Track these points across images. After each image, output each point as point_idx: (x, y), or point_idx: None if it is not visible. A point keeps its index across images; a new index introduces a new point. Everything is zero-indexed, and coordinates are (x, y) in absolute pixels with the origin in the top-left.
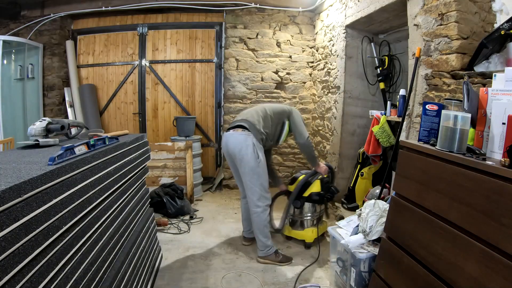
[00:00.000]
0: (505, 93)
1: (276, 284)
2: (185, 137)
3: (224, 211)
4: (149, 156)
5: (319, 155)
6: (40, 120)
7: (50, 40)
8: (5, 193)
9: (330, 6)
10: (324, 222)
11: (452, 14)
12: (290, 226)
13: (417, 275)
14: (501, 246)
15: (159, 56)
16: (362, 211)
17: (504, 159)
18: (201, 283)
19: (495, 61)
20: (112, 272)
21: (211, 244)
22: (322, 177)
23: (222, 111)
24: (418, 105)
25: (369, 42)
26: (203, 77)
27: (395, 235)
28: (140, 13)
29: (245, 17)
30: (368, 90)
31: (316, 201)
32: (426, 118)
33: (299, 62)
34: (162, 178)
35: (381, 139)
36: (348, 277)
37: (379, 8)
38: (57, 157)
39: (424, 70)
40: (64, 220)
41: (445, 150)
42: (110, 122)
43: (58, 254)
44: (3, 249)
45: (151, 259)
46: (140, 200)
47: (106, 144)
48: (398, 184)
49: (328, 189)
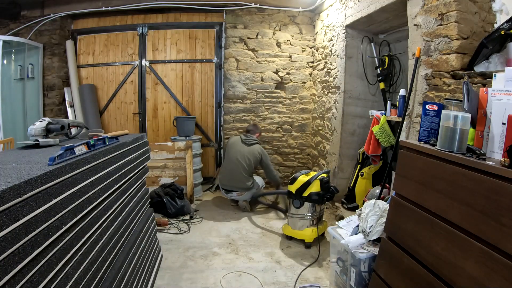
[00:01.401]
0: (505, 93)
1: (276, 284)
2: (185, 137)
3: (224, 211)
4: (149, 156)
5: (319, 155)
6: (40, 120)
7: (50, 40)
8: (5, 193)
9: (330, 6)
10: (324, 222)
11: (452, 14)
12: (290, 226)
13: (417, 275)
14: (500, 246)
15: (159, 56)
16: (362, 211)
17: (504, 159)
18: (201, 283)
19: (495, 61)
20: (112, 272)
21: (211, 244)
22: (322, 177)
23: (222, 111)
24: (418, 105)
25: (369, 42)
26: (203, 77)
27: (395, 235)
28: (140, 13)
29: (245, 17)
30: (368, 90)
31: (315, 200)
32: (426, 118)
33: (299, 62)
34: (162, 178)
35: (381, 139)
36: (348, 277)
37: (379, 8)
38: (57, 157)
39: (424, 70)
40: (64, 220)
41: (445, 150)
42: (110, 122)
43: (58, 254)
44: (3, 249)
45: (151, 259)
46: (140, 200)
47: (106, 144)
48: (398, 184)
49: (328, 189)
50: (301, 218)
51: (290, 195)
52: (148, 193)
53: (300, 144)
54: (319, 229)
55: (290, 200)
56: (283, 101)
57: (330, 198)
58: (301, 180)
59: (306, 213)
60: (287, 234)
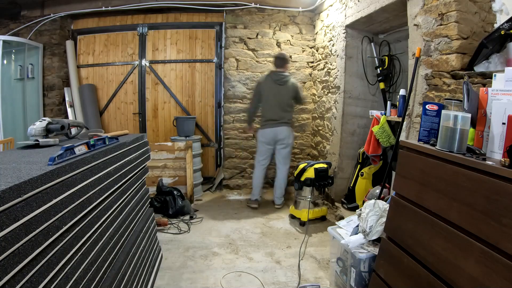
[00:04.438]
0: (505, 93)
1: (276, 284)
2: (185, 137)
3: (224, 211)
4: (149, 156)
5: (319, 155)
6: (40, 120)
7: (50, 40)
8: (5, 193)
9: (330, 6)
10: (323, 208)
11: (452, 14)
12: (293, 206)
13: (417, 275)
14: (500, 246)
15: (159, 56)
16: (362, 211)
17: (504, 159)
18: (201, 283)
19: (495, 61)
20: (112, 272)
21: (211, 244)
22: (319, 166)
23: (222, 111)
24: (418, 105)
25: (369, 42)
26: (203, 77)
27: (395, 235)
28: (140, 13)
29: (245, 17)
30: (368, 90)
31: (308, 185)
32: (426, 118)
33: (299, 62)
34: (163, 178)
35: (381, 139)
36: (348, 277)
37: (379, 8)
38: (57, 157)
39: (424, 70)
40: (64, 220)
41: (445, 150)
42: (110, 122)
43: (58, 254)
44: (3, 249)
45: (151, 259)
46: (140, 200)
47: (106, 144)
48: (398, 184)
49: (324, 178)
50: (301, 200)
51: (294, 179)
52: (148, 193)
53: (300, 144)
54: (313, 212)
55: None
56: None
57: (324, 185)
58: (300, 167)
59: (307, 195)
60: (290, 213)
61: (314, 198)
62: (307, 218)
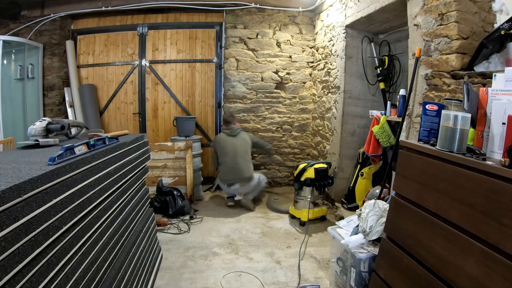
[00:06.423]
0: (505, 93)
1: (276, 284)
2: (185, 137)
3: (224, 211)
4: (149, 156)
5: (319, 155)
6: (40, 120)
7: (50, 40)
8: (5, 193)
9: (330, 6)
10: (323, 208)
11: (452, 14)
12: (293, 206)
13: (417, 275)
14: (501, 246)
15: (159, 56)
16: (362, 211)
17: (504, 159)
18: (201, 283)
19: (495, 61)
20: (112, 272)
21: (211, 244)
22: (319, 166)
23: (222, 111)
24: (418, 105)
25: (369, 42)
26: (203, 77)
27: (395, 235)
28: (140, 13)
29: (245, 17)
30: (368, 90)
31: (308, 185)
32: (426, 118)
33: (299, 62)
34: (163, 178)
35: (381, 139)
36: (348, 277)
37: (379, 8)
38: (57, 157)
39: (424, 70)
40: (64, 220)
41: (445, 150)
42: (110, 122)
43: (58, 254)
44: (3, 249)
45: (151, 259)
46: (140, 200)
47: (106, 144)
48: (398, 184)
49: (324, 178)
50: (301, 200)
51: (294, 179)
52: (148, 193)
53: (300, 144)
54: (313, 212)
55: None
56: (283, 101)
57: (324, 185)
58: (300, 167)
59: (307, 195)
60: (290, 213)
61: (314, 198)
62: (307, 218)
